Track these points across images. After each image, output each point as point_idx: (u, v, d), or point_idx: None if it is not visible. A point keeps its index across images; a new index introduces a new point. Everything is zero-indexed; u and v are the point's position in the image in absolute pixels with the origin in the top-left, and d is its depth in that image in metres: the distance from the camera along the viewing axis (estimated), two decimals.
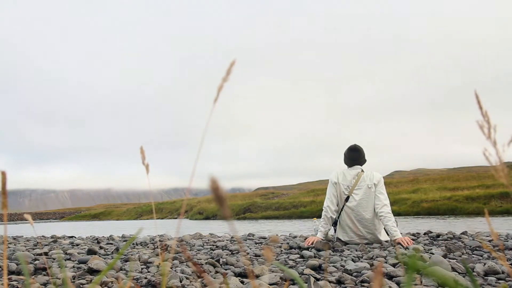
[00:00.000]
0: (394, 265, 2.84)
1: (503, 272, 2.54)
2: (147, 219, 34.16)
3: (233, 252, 3.94)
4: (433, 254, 3.18)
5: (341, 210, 4.19)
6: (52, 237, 6.52)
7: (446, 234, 4.75)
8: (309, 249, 3.79)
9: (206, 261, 3.11)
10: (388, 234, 4.06)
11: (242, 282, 2.45)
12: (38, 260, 3.40)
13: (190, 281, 2.47)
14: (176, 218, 31.48)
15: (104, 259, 3.33)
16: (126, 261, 3.29)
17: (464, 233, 4.90)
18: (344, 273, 2.54)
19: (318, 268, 2.87)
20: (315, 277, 2.58)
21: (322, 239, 4.09)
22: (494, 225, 9.61)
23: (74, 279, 2.63)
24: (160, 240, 4.96)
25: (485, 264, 2.64)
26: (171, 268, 2.88)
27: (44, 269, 3.02)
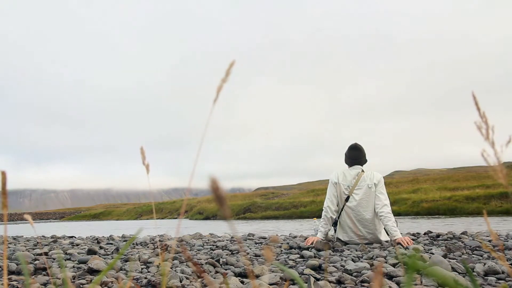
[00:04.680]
0: (394, 265, 2.84)
1: (503, 272, 2.54)
2: (147, 219, 34.15)
3: (233, 252, 3.94)
4: (433, 254, 3.18)
5: (341, 210, 4.19)
6: (52, 237, 6.52)
7: (446, 234, 4.75)
8: (309, 249, 3.79)
9: (206, 261, 3.11)
10: (388, 234, 4.06)
11: (242, 282, 2.45)
12: (38, 260, 3.40)
13: (190, 281, 2.47)
14: (176, 218, 31.47)
15: (104, 259, 3.33)
16: (126, 261, 3.29)
17: (464, 233, 4.90)
18: (344, 273, 2.54)
19: (318, 268, 2.87)
20: (315, 277, 2.58)
21: (322, 239, 4.09)
22: (494, 225, 9.61)
23: (74, 279, 2.63)
24: (160, 240, 4.96)
25: (485, 264, 2.65)
26: (171, 268, 2.88)
27: (44, 269, 3.02)
